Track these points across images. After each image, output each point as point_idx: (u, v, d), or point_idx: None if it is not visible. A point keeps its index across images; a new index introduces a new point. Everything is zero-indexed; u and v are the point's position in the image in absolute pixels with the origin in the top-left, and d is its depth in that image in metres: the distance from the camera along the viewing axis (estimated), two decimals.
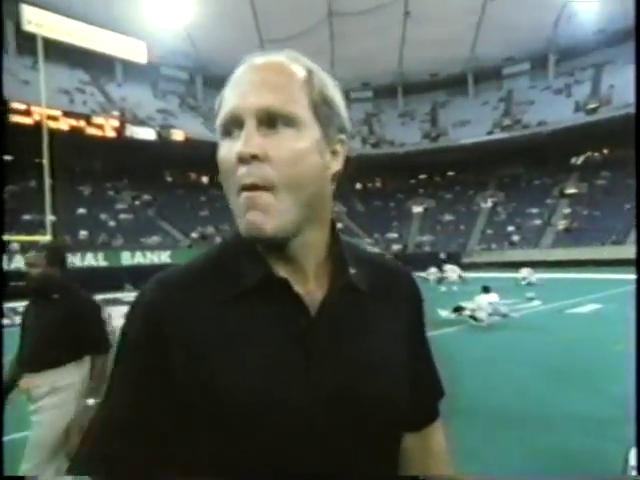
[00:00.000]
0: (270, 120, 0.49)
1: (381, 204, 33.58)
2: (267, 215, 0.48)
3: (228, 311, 0.50)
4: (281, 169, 0.48)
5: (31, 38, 26.72)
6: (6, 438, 2.61)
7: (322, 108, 0.52)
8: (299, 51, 0.55)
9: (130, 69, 31.64)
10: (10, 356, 2.16)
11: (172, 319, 0.49)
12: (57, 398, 1.97)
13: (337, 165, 0.54)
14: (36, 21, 26.38)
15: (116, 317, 9.21)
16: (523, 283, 14.32)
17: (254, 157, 0.48)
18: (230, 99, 0.51)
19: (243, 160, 0.48)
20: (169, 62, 32.67)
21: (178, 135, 24.77)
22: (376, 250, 23.01)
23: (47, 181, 14.67)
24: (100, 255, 16.74)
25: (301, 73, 0.52)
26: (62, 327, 1.95)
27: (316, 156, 0.51)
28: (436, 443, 0.64)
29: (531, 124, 28.62)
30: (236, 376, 0.47)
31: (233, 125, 0.50)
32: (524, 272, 14.91)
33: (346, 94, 0.57)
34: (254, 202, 0.48)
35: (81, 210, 20.69)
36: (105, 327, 2.13)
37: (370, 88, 38.80)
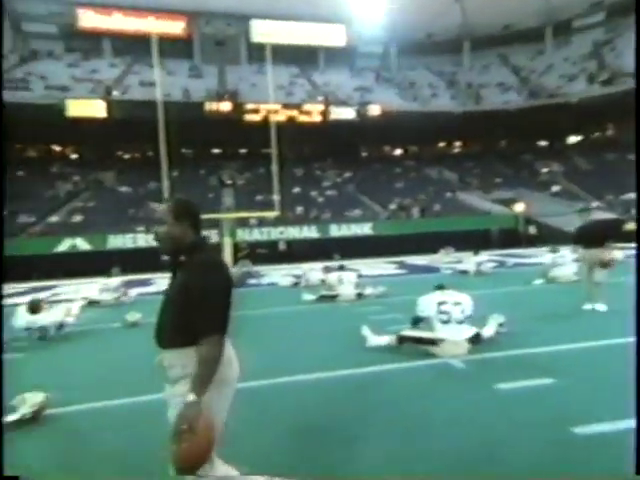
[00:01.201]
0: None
1: (614, 157, 27.25)
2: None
3: None
4: None
5: (258, 47, 31.82)
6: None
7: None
8: None
9: (330, 55, 34.25)
10: None
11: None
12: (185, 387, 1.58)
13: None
14: (262, 32, 31.18)
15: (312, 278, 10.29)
16: None
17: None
18: None
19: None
20: (365, 39, 33.80)
21: (375, 110, 25.70)
22: (609, 216, 18.61)
23: (275, 167, 17.64)
24: (313, 228, 19.41)
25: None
26: (184, 298, 1.63)
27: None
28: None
29: None
30: None
31: None
32: None
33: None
34: None
35: (296, 189, 24.15)
36: (223, 309, 1.66)
37: (602, 8, 31.30)
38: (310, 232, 19.29)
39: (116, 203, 21.85)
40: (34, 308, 6.14)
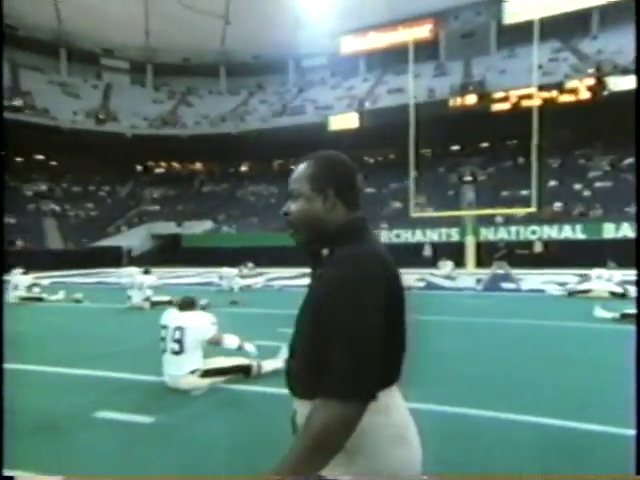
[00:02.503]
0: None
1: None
2: None
3: None
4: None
5: (509, 30, 29.03)
6: None
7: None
8: None
9: (608, 14, 27.71)
10: None
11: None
12: None
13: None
14: (517, 10, 28.28)
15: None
16: None
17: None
18: None
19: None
20: None
21: None
22: None
23: (533, 159, 15.60)
24: (577, 227, 16.06)
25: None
26: (314, 319, 0.94)
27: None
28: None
29: None
30: None
31: None
32: None
33: None
34: None
35: (552, 182, 20.62)
36: (366, 351, 0.87)
37: None
38: (574, 232, 16.04)
39: (363, 204, 24.15)
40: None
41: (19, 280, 9.91)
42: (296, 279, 13.69)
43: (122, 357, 4.96)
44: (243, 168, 35.24)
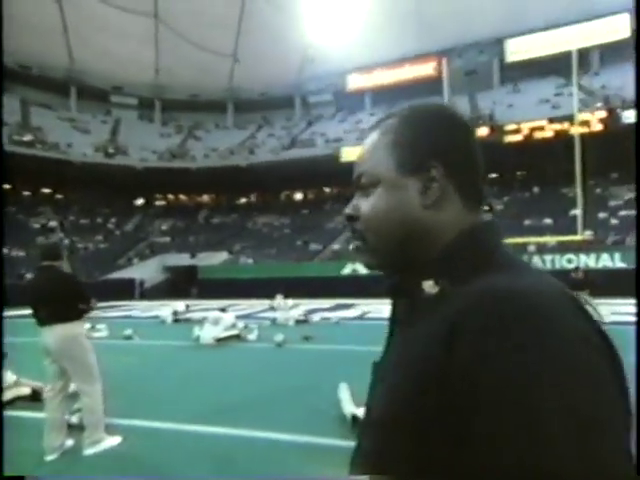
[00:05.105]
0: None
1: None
2: None
3: None
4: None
5: (511, 67, 30.19)
6: None
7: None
8: None
9: (607, 52, 29.07)
10: None
11: None
12: None
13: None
14: (518, 49, 29.52)
15: None
16: None
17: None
18: None
19: None
20: None
21: None
22: None
23: (578, 187, 15.62)
24: (617, 256, 15.84)
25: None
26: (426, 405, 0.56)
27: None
28: None
29: None
30: None
31: None
32: None
33: None
34: None
35: (572, 212, 20.76)
36: None
37: None
38: (612, 261, 15.86)
39: None
40: None
41: None
42: (338, 310, 13.28)
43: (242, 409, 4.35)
44: (250, 199, 35.25)
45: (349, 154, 27.44)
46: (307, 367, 6.32)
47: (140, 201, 33.66)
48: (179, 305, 12.01)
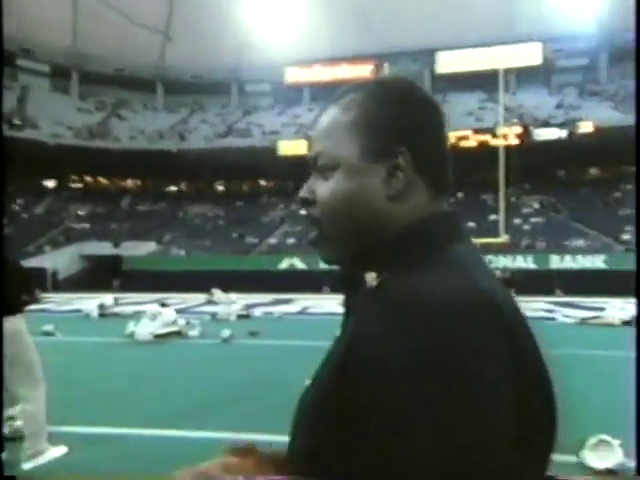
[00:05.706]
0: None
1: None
2: None
3: None
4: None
5: (441, 79, 32.12)
6: None
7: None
8: None
9: (521, 75, 32.13)
10: None
11: None
12: None
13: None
14: (448, 62, 31.47)
15: None
16: None
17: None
18: None
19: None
20: (565, 53, 30.76)
21: (586, 127, 22.74)
22: None
23: (501, 194, 16.85)
24: (529, 258, 17.66)
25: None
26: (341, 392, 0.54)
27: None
28: None
29: None
30: None
31: None
32: None
33: None
34: None
35: (492, 217, 22.77)
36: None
37: None
38: (526, 262, 17.49)
39: None
40: None
41: None
42: (278, 305, 13.11)
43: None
44: (181, 187, 33.46)
45: (287, 148, 27.23)
46: (259, 363, 6.17)
47: (52, 182, 30.25)
48: (106, 298, 11.06)
